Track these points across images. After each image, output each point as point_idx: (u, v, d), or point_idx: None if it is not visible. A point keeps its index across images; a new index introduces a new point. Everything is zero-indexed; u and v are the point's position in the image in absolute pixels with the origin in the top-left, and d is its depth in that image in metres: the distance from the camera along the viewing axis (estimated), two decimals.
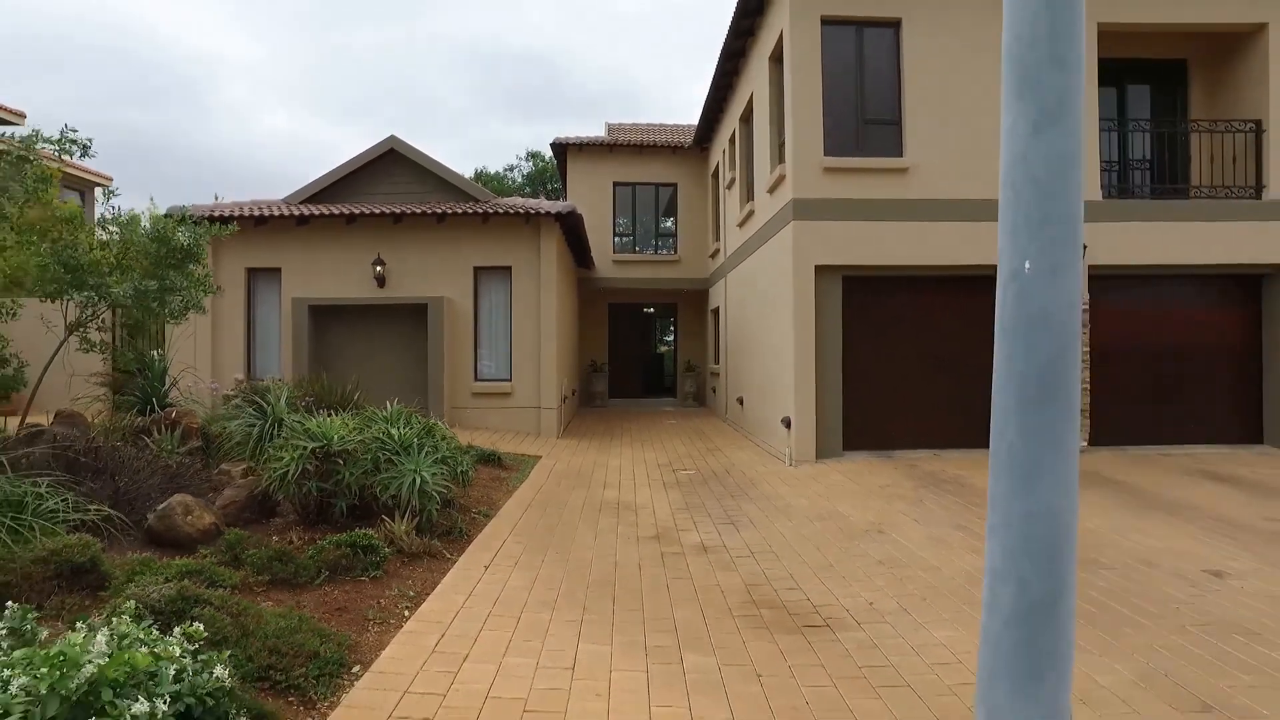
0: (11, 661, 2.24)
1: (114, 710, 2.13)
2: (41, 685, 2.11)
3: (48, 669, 2.16)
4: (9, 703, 2.09)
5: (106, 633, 2.47)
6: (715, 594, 5.30)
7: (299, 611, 4.31)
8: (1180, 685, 3.84)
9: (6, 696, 2.09)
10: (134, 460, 6.18)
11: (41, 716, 2.08)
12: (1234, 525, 6.96)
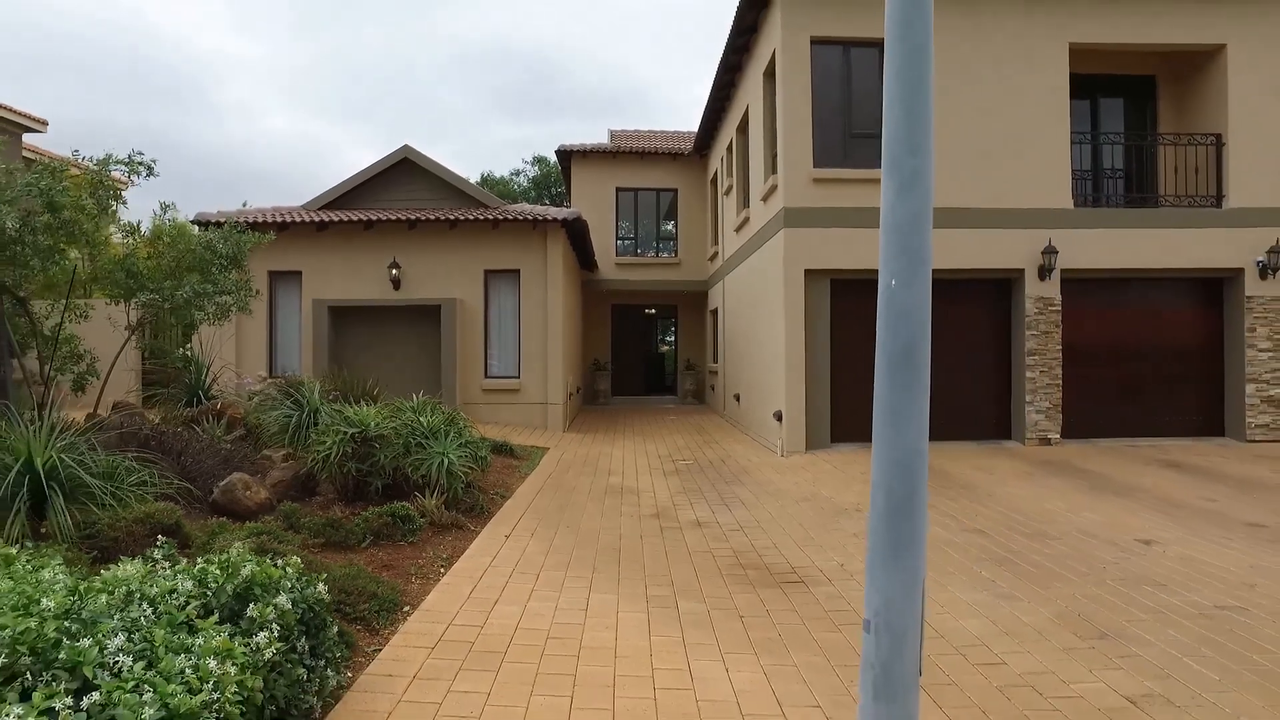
0: (185, 567, 3.09)
1: (264, 599, 2.97)
2: (216, 580, 2.95)
3: (219, 570, 3.01)
4: (189, 590, 2.93)
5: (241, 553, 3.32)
6: (707, 559, 6.14)
7: (354, 565, 5.15)
8: (1088, 621, 4.68)
9: (189, 588, 2.93)
10: (193, 444, 7.03)
11: (217, 602, 2.92)
12: (1174, 504, 7.80)
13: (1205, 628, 4.56)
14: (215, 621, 2.77)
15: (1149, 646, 4.30)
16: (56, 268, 6.58)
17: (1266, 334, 11.46)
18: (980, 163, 11.29)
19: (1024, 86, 11.38)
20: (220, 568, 3.06)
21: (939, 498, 8.20)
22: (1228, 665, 4.05)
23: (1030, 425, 11.36)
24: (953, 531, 6.88)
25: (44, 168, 6.26)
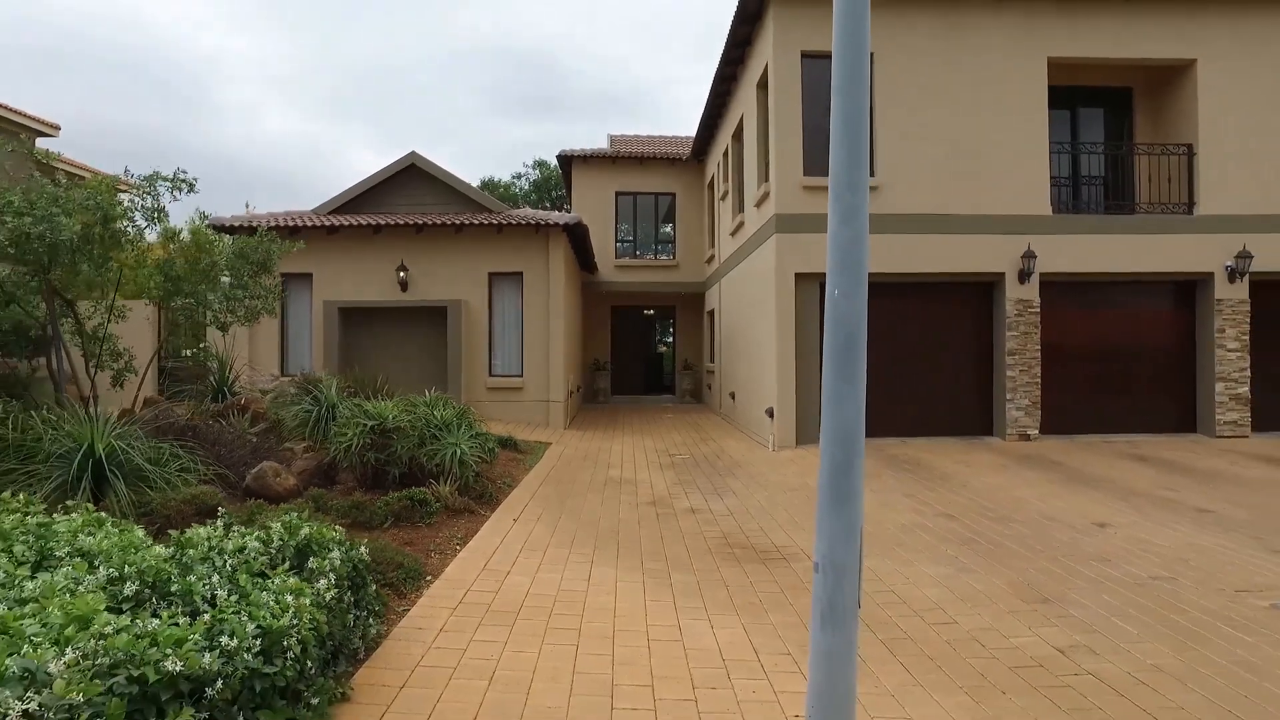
0: (249, 530, 3.70)
1: (321, 554, 3.58)
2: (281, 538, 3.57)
3: (284, 529, 3.62)
4: (256, 548, 3.54)
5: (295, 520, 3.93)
6: (699, 540, 6.75)
7: (380, 541, 5.75)
8: (1034, 589, 5.29)
9: (256, 545, 3.54)
10: (225, 435, 7.64)
11: (281, 556, 3.53)
12: (1135, 494, 8.41)
13: (1136, 594, 5.17)
14: (283, 571, 3.38)
15: (1084, 609, 4.92)
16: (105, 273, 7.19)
17: (1235, 335, 12.07)
18: (963, 171, 11.91)
19: (1005, 99, 12.00)
20: (285, 527, 3.67)
21: (918, 487, 8.81)
22: (1148, 623, 4.66)
23: (1011, 422, 11.97)
24: (926, 516, 7.49)
25: (99, 182, 6.89)
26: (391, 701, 3.45)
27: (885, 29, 11.87)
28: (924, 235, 11.84)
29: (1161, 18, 12.09)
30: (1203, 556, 6.06)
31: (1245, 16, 12.05)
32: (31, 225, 5.89)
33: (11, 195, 6.04)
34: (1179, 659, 4.16)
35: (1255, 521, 7.20)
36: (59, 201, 6.16)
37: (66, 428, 5.80)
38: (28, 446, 5.87)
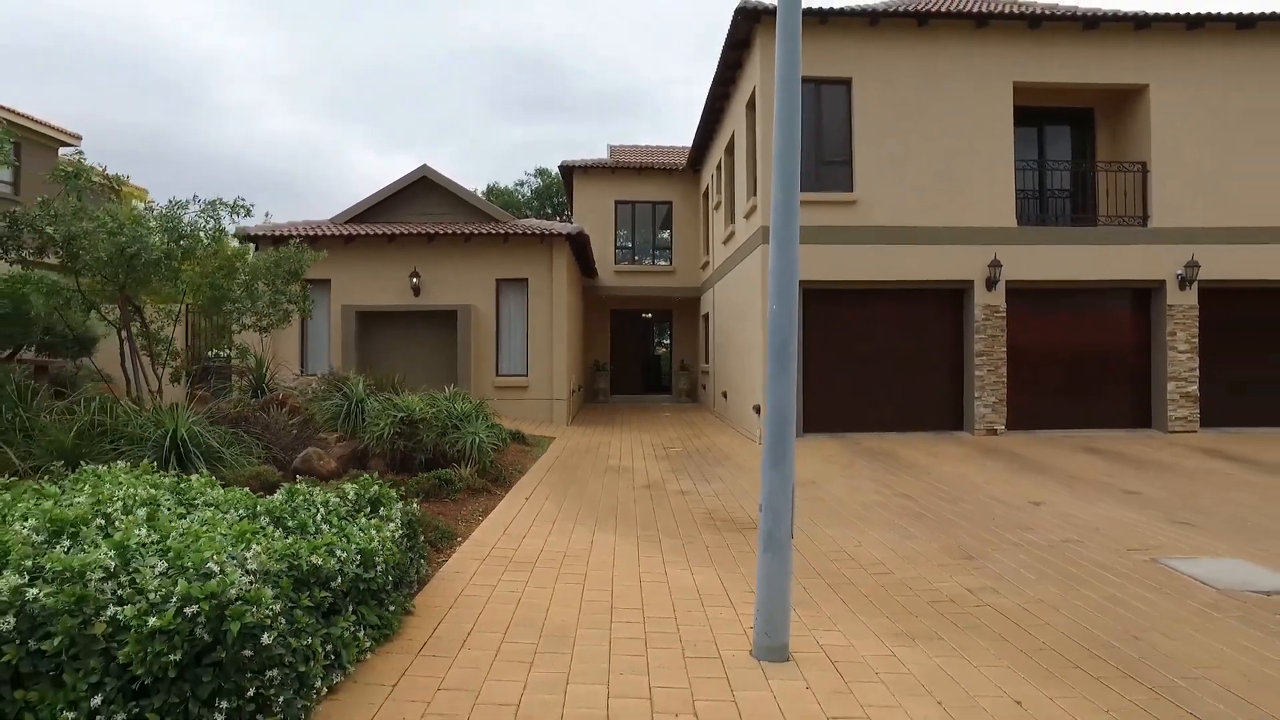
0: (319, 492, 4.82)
1: (389, 507, 4.71)
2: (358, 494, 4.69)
3: (359, 486, 4.75)
4: (338, 501, 4.66)
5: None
6: (687, 514, 7.87)
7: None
8: (963, 550, 6.41)
9: (335, 500, 4.66)
10: (271, 425, 8.75)
11: (357, 506, 4.65)
12: (1077, 479, 9.54)
13: (1046, 553, 6.29)
14: (365, 515, 4.50)
15: (999, 564, 6.04)
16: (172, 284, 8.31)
17: (1185, 338, 13.20)
18: (936, 187, 13.04)
19: (974, 120, 13.13)
20: (360, 485, 4.80)
21: (886, 474, 9.93)
22: (1047, 572, 5.78)
23: (979, 418, 13.09)
24: (886, 497, 8.61)
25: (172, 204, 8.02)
26: (444, 615, 4.58)
27: (863, 57, 13.03)
28: (899, 246, 12.96)
29: (1117, 46, 13.24)
30: (1114, 526, 7.19)
31: (1193, 45, 13.19)
32: (126, 244, 7.00)
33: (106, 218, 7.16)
34: (1061, 595, 5.28)
35: (1171, 501, 8.33)
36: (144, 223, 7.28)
37: (151, 416, 6.91)
38: (117, 430, 6.99)
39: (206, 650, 2.85)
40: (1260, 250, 13.10)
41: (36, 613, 2.81)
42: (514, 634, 4.39)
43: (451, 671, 3.83)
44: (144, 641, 2.75)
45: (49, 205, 7.49)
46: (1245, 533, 6.99)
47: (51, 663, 2.80)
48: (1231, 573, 5.81)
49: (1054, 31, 13.26)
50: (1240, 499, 8.47)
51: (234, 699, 2.83)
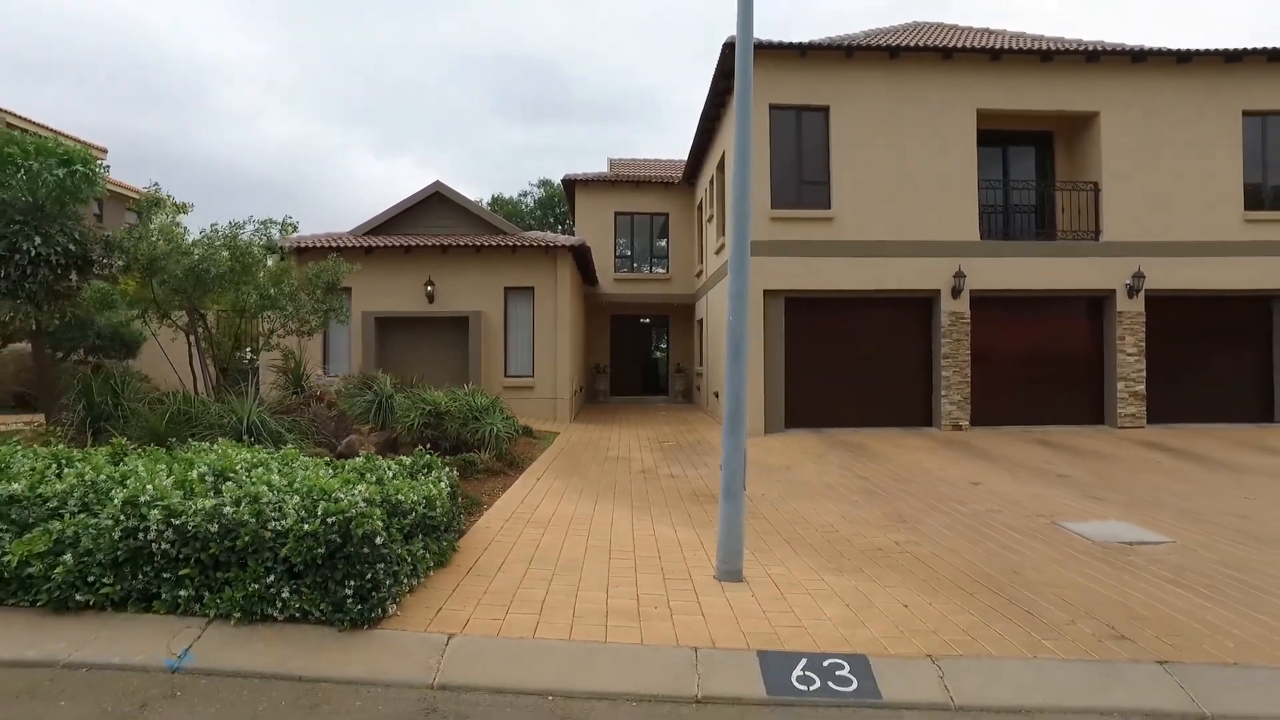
0: (382, 460, 6.28)
1: (437, 471, 6.16)
2: (415, 461, 6.15)
3: (414, 458, 6.20)
4: (396, 467, 6.10)
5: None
6: (675, 492, 9.31)
7: None
8: (900, 516, 7.87)
9: (395, 467, 6.11)
10: (316, 417, 10.21)
11: (412, 470, 6.11)
12: (1020, 466, 10.99)
13: (968, 519, 7.74)
14: (422, 475, 5.96)
15: (927, 526, 7.49)
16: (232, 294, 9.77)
17: (1133, 342, 14.66)
18: (905, 204, 14.50)
19: (940, 143, 14.60)
20: (416, 455, 6.27)
21: (852, 462, 11.38)
22: (964, 532, 7.24)
23: (945, 414, 14.54)
24: (848, 479, 10.06)
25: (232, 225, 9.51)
26: (481, 554, 6.03)
27: (840, 86, 14.51)
28: (873, 258, 14.42)
29: (1071, 76, 14.73)
30: (1034, 500, 8.64)
31: (1138, 76, 14.68)
32: (198, 263, 8.46)
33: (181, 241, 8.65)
34: (968, 546, 6.73)
35: (1093, 482, 9.79)
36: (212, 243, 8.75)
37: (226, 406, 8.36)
38: (195, 417, 8.44)
39: (339, 548, 4.30)
40: (1198, 263, 14.57)
41: (228, 522, 4.27)
42: (535, 565, 5.84)
43: (492, 584, 5.29)
44: (300, 541, 4.21)
45: (136, 230, 8.97)
46: (1140, 505, 8.45)
47: (240, 555, 4.27)
48: (1109, 530, 7.27)
49: (1013, 63, 14.75)
50: (1151, 480, 9.93)
51: (357, 581, 4.29)
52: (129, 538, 4.31)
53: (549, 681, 3.99)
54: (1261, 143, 14.80)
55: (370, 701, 3.76)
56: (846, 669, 4.19)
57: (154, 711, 3.57)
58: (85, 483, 4.88)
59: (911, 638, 4.62)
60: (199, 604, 4.29)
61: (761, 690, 4.00)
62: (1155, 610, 5.16)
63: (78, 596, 4.27)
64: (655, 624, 4.72)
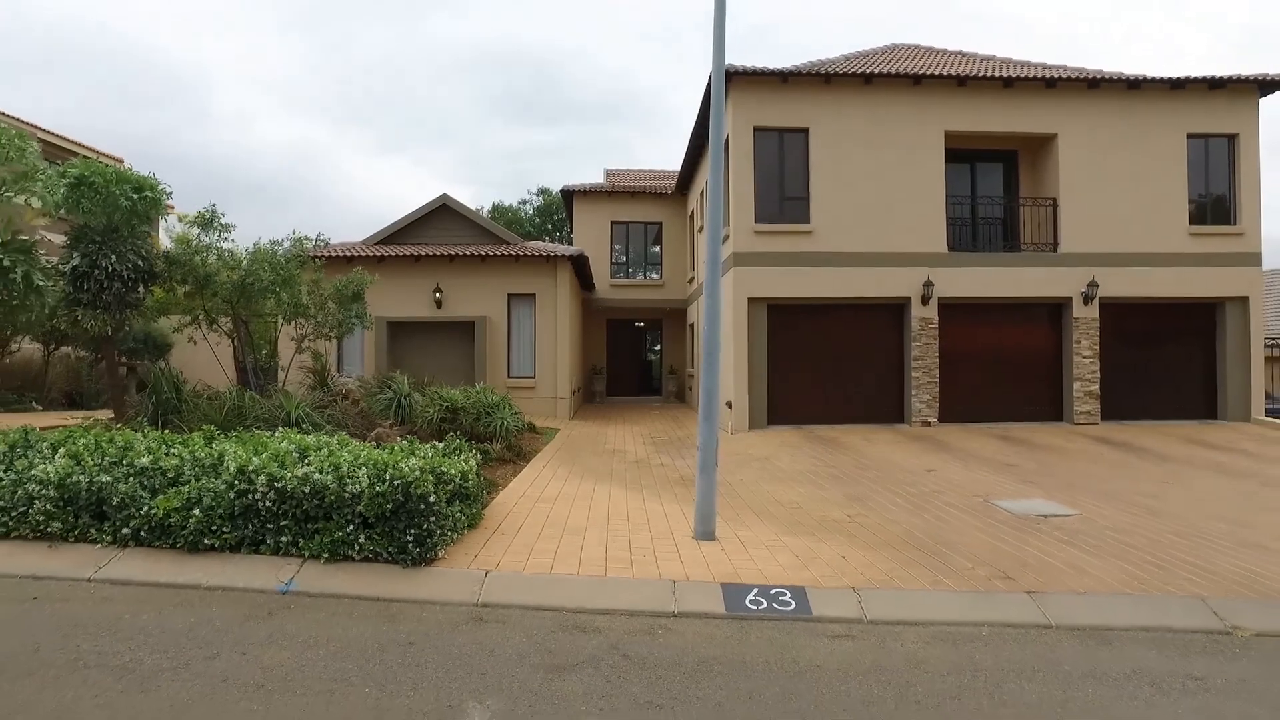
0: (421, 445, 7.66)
1: (465, 453, 7.54)
2: (449, 445, 7.53)
3: (448, 442, 7.58)
4: (431, 450, 7.48)
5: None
6: (664, 477, 10.71)
7: None
8: (855, 496, 9.27)
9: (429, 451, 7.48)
10: (344, 411, 11.58)
11: (446, 452, 7.48)
12: (974, 456, 12.40)
13: (914, 498, 9.16)
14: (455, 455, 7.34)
15: (877, 503, 8.90)
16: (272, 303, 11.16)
17: (1088, 345, 16.10)
18: (878, 218, 15.92)
19: (911, 162, 16.03)
20: (447, 442, 7.66)
21: (825, 453, 12.78)
22: (907, 507, 8.65)
23: (915, 412, 15.96)
24: (818, 467, 11.47)
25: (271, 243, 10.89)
26: (502, 521, 7.42)
27: (819, 110, 15.93)
28: (849, 268, 15.85)
29: (1031, 101, 16.18)
30: (977, 484, 10.06)
31: (1092, 101, 16.14)
32: (245, 277, 9.84)
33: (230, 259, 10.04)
34: (907, 518, 8.14)
35: (1036, 470, 11.21)
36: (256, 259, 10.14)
37: (275, 401, 9.73)
38: (246, 411, 9.81)
39: (401, 505, 5.70)
40: (1147, 273, 16.02)
41: (317, 485, 5.66)
42: (547, 529, 7.24)
43: (514, 540, 6.69)
44: (373, 500, 5.59)
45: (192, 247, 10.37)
46: (1068, 488, 9.88)
47: (326, 510, 5.66)
48: (1031, 506, 8.69)
49: (978, 88, 16.19)
50: (1086, 469, 11.37)
51: (415, 530, 5.68)
52: (241, 497, 5.71)
53: (564, 602, 5.39)
54: (1204, 162, 16.27)
55: (432, 613, 5.16)
56: (788, 595, 5.60)
57: (279, 616, 4.96)
58: (193, 458, 6.27)
59: (842, 577, 6.03)
60: (295, 547, 5.68)
61: (722, 609, 5.40)
62: (1042, 561, 6.58)
63: (205, 541, 5.66)
64: (644, 566, 6.13)
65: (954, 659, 4.73)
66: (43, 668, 4.12)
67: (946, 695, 4.22)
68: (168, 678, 4.04)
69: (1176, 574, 6.33)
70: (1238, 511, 8.68)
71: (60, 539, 5.80)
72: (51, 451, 6.41)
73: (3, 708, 3.68)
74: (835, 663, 4.61)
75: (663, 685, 4.21)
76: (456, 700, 3.93)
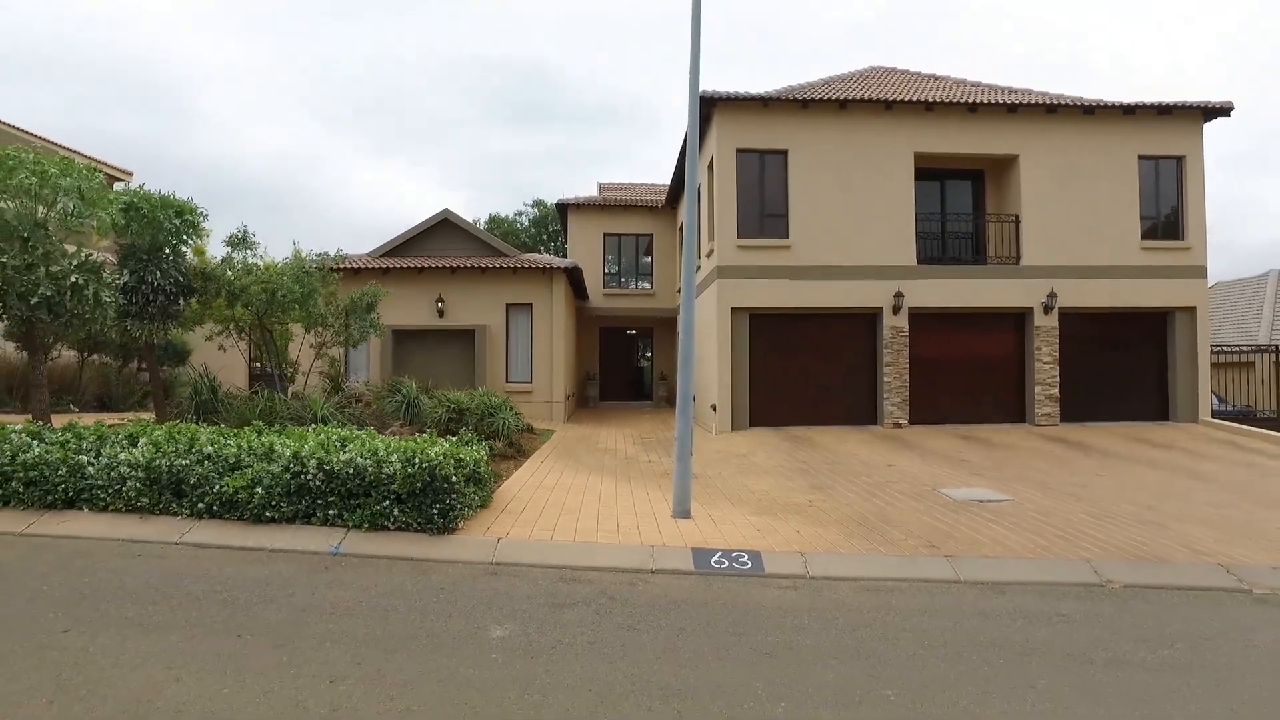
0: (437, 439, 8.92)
1: (476, 446, 8.80)
2: (462, 439, 8.79)
3: (461, 436, 8.83)
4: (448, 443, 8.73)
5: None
6: (650, 472, 11.98)
7: None
8: (819, 486, 10.56)
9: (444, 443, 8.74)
10: (360, 414, 12.83)
11: (458, 445, 8.74)
12: (934, 453, 13.70)
13: (870, 487, 10.45)
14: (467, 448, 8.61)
15: (837, 491, 10.19)
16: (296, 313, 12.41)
17: (1048, 352, 17.44)
18: (852, 234, 17.25)
19: (883, 181, 17.37)
20: (461, 439, 8.92)
21: (798, 451, 14.07)
22: (863, 494, 9.93)
23: (887, 414, 17.27)
24: (790, 463, 12.75)
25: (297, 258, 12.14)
26: (508, 503, 8.69)
27: (797, 132, 17.27)
28: (825, 280, 17.17)
29: (995, 124, 17.56)
30: (929, 476, 11.36)
31: (1052, 125, 17.54)
32: (276, 289, 11.11)
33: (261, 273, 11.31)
34: (860, 502, 9.43)
35: (988, 465, 12.52)
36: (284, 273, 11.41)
37: (302, 403, 10.97)
38: (276, 411, 11.05)
39: (428, 484, 6.96)
40: (1103, 284, 17.39)
41: (358, 468, 6.91)
42: (547, 510, 8.50)
43: (520, 517, 7.97)
44: (405, 480, 6.86)
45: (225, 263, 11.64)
46: (1011, 479, 11.19)
47: (365, 488, 6.92)
48: (972, 494, 9.99)
49: (945, 112, 17.56)
50: (1033, 464, 12.68)
51: (440, 505, 6.95)
52: (295, 478, 6.97)
53: (562, 561, 6.66)
54: (1155, 182, 17.67)
55: (456, 569, 6.42)
56: (746, 558, 6.88)
57: (334, 570, 6.21)
58: (248, 447, 7.53)
59: (793, 545, 7.32)
60: (340, 519, 6.94)
61: (691, 567, 6.67)
62: (967, 535, 7.88)
63: (267, 514, 6.92)
64: (629, 536, 7.41)
65: (875, 603, 6.02)
66: (164, 599, 5.38)
67: (861, 624, 5.51)
68: (260, 608, 5.30)
69: (1078, 544, 7.63)
70: (1152, 498, 10.01)
71: (148, 511, 7.07)
72: (129, 442, 7.65)
73: (154, 623, 4.94)
74: (778, 604, 5.89)
75: (639, 616, 5.48)
76: (481, 625, 5.19)
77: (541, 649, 4.78)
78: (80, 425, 8.36)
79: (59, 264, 8.52)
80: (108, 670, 4.19)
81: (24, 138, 20.14)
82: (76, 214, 8.65)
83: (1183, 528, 8.40)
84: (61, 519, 7.08)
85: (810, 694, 4.27)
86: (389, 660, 4.50)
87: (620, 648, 4.86)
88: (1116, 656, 5.00)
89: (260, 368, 19.27)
